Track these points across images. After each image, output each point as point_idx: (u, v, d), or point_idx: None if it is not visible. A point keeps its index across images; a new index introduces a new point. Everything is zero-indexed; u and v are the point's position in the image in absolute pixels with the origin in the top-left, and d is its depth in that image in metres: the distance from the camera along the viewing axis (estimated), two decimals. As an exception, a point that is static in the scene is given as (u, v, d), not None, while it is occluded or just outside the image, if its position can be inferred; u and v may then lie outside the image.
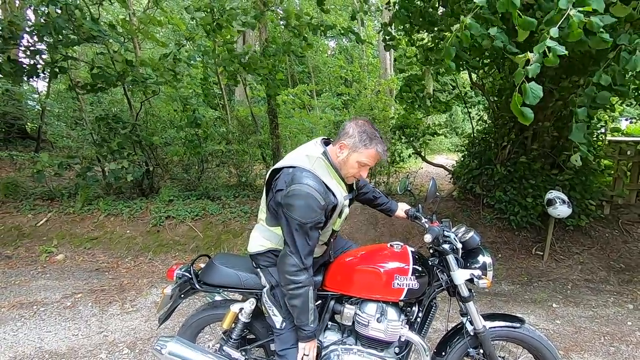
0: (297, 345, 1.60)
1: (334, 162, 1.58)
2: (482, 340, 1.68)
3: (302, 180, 1.45)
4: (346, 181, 1.62)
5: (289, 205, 1.45)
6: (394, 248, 1.74)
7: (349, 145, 1.54)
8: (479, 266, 1.67)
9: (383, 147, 1.57)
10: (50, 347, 2.59)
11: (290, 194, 1.45)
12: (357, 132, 1.54)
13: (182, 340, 1.73)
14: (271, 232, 1.66)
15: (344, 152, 1.55)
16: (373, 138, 1.54)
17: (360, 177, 1.62)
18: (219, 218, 4.82)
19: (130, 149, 5.48)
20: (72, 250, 4.32)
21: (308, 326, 1.54)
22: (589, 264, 4.39)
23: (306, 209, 1.43)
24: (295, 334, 1.61)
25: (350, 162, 1.55)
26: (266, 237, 1.67)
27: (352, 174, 1.59)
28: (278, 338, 1.64)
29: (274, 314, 1.64)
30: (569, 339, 2.83)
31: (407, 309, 1.74)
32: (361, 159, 1.54)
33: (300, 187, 1.44)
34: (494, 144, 5.24)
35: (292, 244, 1.47)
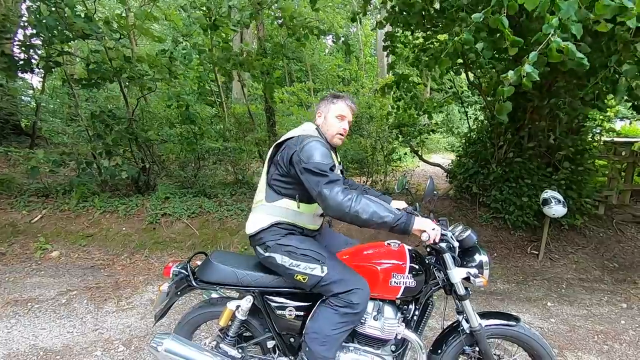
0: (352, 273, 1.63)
1: (325, 135, 1.82)
2: (478, 338, 1.69)
3: (311, 138, 1.65)
4: (335, 143, 1.83)
5: (308, 155, 1.57)
6: (391, 246, 1.74)
7: (322, 110, 1.84)
8: (476, 265, 1.68)
9: (348, 98, 1.85)
10: (45, 344, 2.57)
11: (305, 148, 1.59)
12: (323, 100, 1.88)
13: (178, 338, 1.73)
14: (274, 207, 1.71)
15: (321, 117, 1.84)
16: (337, 96, 1.85)
17: (344, 131, 1.82)
18: (216, 216, 4.81)
19: (126, 145, 5.45)
20: (67, 247, 4.28)
21: (394, 215, 1.49)
22: (583, 263, 4.43)
23: (323, 154, 1.58)
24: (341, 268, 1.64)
25: (329, 120, 1.81)
26: (268, 213, 1.72)
27: (337, 129, 1.80)
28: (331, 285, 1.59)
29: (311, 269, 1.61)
30: (563, 337, 2.85)
31: (404, 307, 1.75)
32: (336, 111, 1.80)
33: (312, 140, 1.63)
34: (490, 143, 5.27)
35: (325, 179, 1.52)
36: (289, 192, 1.71)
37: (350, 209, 1.47)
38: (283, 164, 1.67)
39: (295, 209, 1.71)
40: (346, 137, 1.91)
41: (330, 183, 1.52)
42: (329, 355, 1.59)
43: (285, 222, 1.72)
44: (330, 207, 1.50)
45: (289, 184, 1.70)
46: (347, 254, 1.80)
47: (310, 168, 1.54)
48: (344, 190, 1.52)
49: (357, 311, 1.58)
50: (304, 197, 1.70)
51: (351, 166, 7.22)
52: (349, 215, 1.49)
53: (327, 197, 1.49)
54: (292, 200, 1.71)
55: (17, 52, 4.80)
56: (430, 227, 1.52)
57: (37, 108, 8.85)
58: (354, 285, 1.59)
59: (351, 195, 1.50)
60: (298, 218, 1.74)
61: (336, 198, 1.48)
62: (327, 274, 1.61)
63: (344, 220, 1.54)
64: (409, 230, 1.50)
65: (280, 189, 1.72)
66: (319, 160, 1.55)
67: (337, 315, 1.58)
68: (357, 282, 1.61)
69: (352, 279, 1.61)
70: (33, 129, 8.74)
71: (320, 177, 1.53)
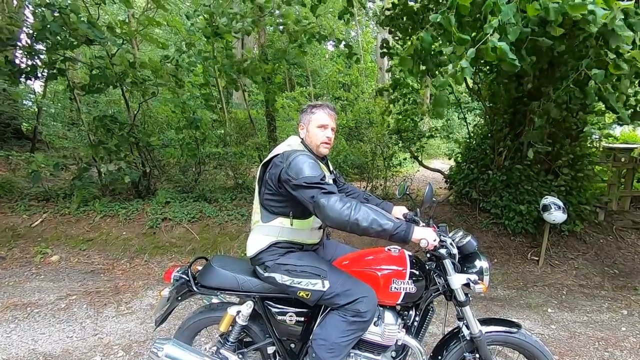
0: (355, 285, 1.61)
1: (310, 146, 1.80)
2: (478, 344, 1.69)
3: (297, 153, 1.64)
4: (321, 153, 1.81)
5: (296, 171, 1.55)
6: (392, 252, 1.75)
7: (303, 121, 1.83)
8: (476, 271, 1.68)
9: (327, 105, 1.84)
10: (44, 349, 2.57)
11: (292, 163, 1.58)
12: (303, 110, 1.87)
13: (179, 343, 1.73)
14: (270, 227, 1.71)
15: (304, 130, 1.83)
16: (315, 105, 1.83)
17: (328, 139, 1.80)
18: (216, 220, 4.81)
19: (127, 150, 5.47)
20: (67, 251, 4.28)
21: (393, 223, 1.48)
22: (583, 270, 4.43)
23: (312, 166, 1.57)
24: (343, 279, 1.63)
25: (312, 131, 1.79)
26: (265, 234, 1.71)
27: (320, 139, 1.78)
28: (336, 297, 1.59)
29: (313, 284, 1.61)
30: (563, 344, 2.85)
31: (404, 312, 1.75)
32: (316, 123, 1.78)
33: (297, 155, 1.62)
34: (490, 149, 5.28)
35: (320, 190, 1.51)
36: (281, 210, 1.70)
37: (349, 217, 1.46)
38: (272, 183, 1.67)
39: (289, 227, 1.71)
40: (347, 143, 1.92)
41: (327, 193, 1.51)
42: None
43: (283, 241, 1.71)
44: (329, 216, 1.48)
45: (281, 202, 1.69)
46: (347, 259, 1.81)
47: (301, 184, 1.53)
48: (342, 198, 1.51)
49: (366, 319, 1.58)
50: (297, 213, 1.69)
51: (351, 171, 7.24)
52: (348, 224, 1.48)
53: (325, 207, 1.47)
54: (286, 217, 1.70)
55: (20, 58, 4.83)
56: (429, 234, 1.52)
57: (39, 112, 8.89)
58: (359, 294, 1.58)
59: (350, 203, 1.49)
60: (295, 235, 1.73)
61: (335, 207, 1.47)
62: (329, 288, 1.61)
63: (344, 230, 1.53)
64: (408, 238, 1.50)
65: (273, 208, 1.71)
66: (309, 174, 1.54)
67: (345, 323, 1.57)
68: (362, 290, 1.60)
69: (356, 288, 1.60)
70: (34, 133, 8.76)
71: (315, 189, 1.51)
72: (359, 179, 6.86)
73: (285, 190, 1.61)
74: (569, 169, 4.78)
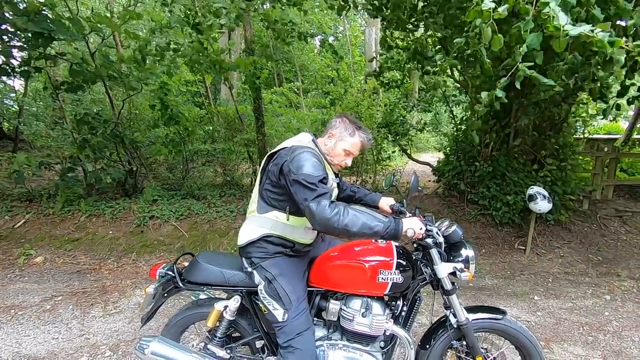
0: (302, 333, 1.59)
1: (322, 150, 1.74)
2: (465, 332, 1.71)
3: (303, 149, 1.59)
4: (332, 169, 1.77)
5: (297, 166, 1.51)
6: (379, 243, 1.75)
7: (336, 134, 1.73)
8: (462, 259, 1.69)
9: (367, 136, 1.76)
10: (29, 351, 2.52)
11: (295, 158, 1.54)
12: (343, 123, 1.75)
13: (165, 340, 1.71)
14: (264, 219, 1.67)
15: (331, 141, 1.74)
16: (357, 129, 1.74)
17: (345, 165, 1.76)
18: (205, 217, 4.77)
19: (112, 148, 5.37)
20: (51, 252, 4.19)
21: (382, 224, 1.47)
22: (568, 258, 4.52)
23: (313, 165, 1.52)
24: (298, 322, 1.59)
25: (337, 150, 1.73)
26: (259, 225, 1.68)
27: (339, 161, 1.75)
28: (281, 331, 1.60)
29: (274, 308, 1.61)
30: (549, 330, 2.90)
31: (392, 303, 1.76)
32: (346, 146, 1.72)
33: (303, 151, 1.57)
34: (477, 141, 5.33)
35: (312, 193, 1.47)
36: (279, 203, 1.67)
37: (338, 223, 1.44)
38: (274, 174, 1.63)
39: (284, 222, 1.66)
40: None
41: (318, 197, 1.46)
42: None
43: (275, 235, 1.67)
44: (317, 222, 1.46)
45: (280, 195, 1.66)
46: (337, 250, 1.80)
47: (299, 180, 1.49)
48: (331, 204, 1.48)
49: None
50: (294, 210, 1.65)
51: (341, 166, 7.22)
52: (337, 230, 1.45)
53: (314, 212, 1.44)
54: (282, 212, 1.66)
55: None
56: (415, 224, 1.53)
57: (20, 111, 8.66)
58: (297, 344, 1.58)
59: (338, 209, 1.46)
60: (288, 231, 1.68)
61: (323, 213, 1.44)
62: (283, 322, 1.60)
63: (333, 235, 1.56)
64: (399, 235, 1.50)
65: (270, 200, 1.67)
66: (309, 172, 1.49)
67: None
68: (304, 343, 1.59)
69: (301, 340, 1.59)
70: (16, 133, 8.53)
71: (309, 190, 1.48)
72: (348, 173, 6.86)
73: (285, 184, 1.58)
74: (554, 159, 4.87)
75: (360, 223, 1.45)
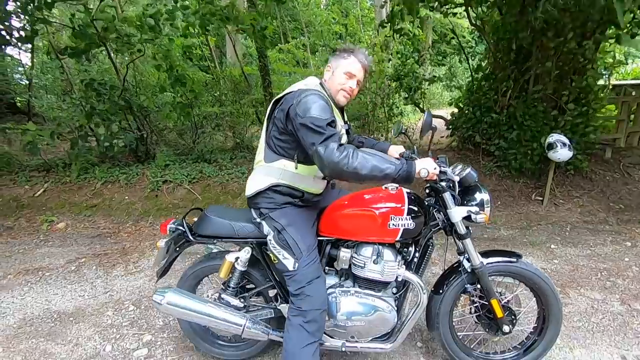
0: (313, 281, 1.57)
1: (329, 90, 1.67)
2: (480, 275, 1.68)
3: (309, 92, 1.52)
4: (339, 102, 1.68)
5: (304, 109, 1.45)
6: (389, 190, 1.69)
7: (332, 65, 1.69)
8: (476, 203, 1.64)
9: (363, 54, 1.68)
10: (58, 307, 2.65)
11: (302, 101, 1.48)
12: (336, 53, 1.71)
13: (180, 290, 1.74)
14: (271, 168, 1.63)
15: (329, 72, 1.69)
16: (350, 50, 1.67)
17: (350, 90, 1.66)
18: (217, 180, 4.79)
19: (121, 115, 5.35)
20: (72, 218, 4.33)
21: (394, 165, 1.43)
22: (588, 207, 4.40)
23: (321, 108, 1.46)
24: (308, 271, 1.57)
25: (337, 77, 1.65)
26: (266, 174, 1.64)
27: (342, 85, 1.65)
28: (292, 280, 1.59)
29: (284, 258, 1.59)
30: (566, 276, 2.87)
31: (404, 249, 1.73)
32: (344, 68, 1.65)
33: (310, 93, 1.51)
34: (494, 90, 5.07)
35: (320, 136, 1.41)
36: (286, 151, 1.61)
37: (347, 166, 1.38)
38: (280, 120, 1.57)
39: (293, 170, 1.61)
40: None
41: (326, 140, 1.40)
42: None
43: (284, 185, 1.62)
44: (326, 166, 1.41)
45: (287, 143, 1.59)
46: (346, 199, 1.76)
47: (306, 123, 1.42)
48: (340, 147, 1.41)
49: (308, 320, 1.55)
50: (302, 157, 1.59)
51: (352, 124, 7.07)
52: (347, 173, 1.40)
53: (322, 156, 1.39)
54: (290, 160, 1.61)
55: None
56: (429, 164, 1.47)
57: (30, 85, 8.68)
58: (309, 292, 1.55)
59: (347, 151, 1.40)
60: (297, 180, 1.63)
61: (332, 157, 1.38)
62: (294, 271, 1.58)
63: (343, 179, 1.47)
64: (412, 176, 1.44)
65: (278, 148, 1.61)
66: (316, 115, 1.43)
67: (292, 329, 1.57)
68: (315, 290, 1.57)
69: (313, 287, 1.57)
70: (28, 107, 8.61)
71: (316, 134, 1.41)
72: (359, 131, 6.71)
73: (292, 129, 1.52)
74: (575, 104, 4.60)
75: (370, 165, 1.39)
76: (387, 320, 1.69)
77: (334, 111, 1.61)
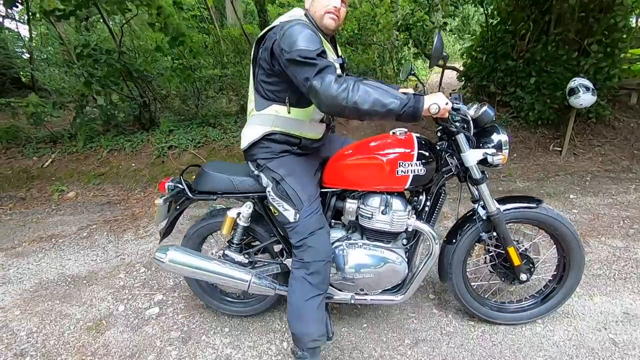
0: (315, 232, 1.48)
1: (314, 18, 1.48)
2: (496, 222, 1.58)
3: (292, 22, 1.34)
4: (326, 26, 1.47)
5: (290, 43, 1.28)
6: (398, 135, 1.56)
7: None
8: (494, 145, 1.50)
9: None
10: (72, 272, 2.69)
11: (286, 34, 1.31)
12: None
13: (182, 248, 1.70)
14: (264, 116, 1.50)
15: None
16: None
17: (335, 10, 1.45)
18: (222, 143, 4.70)
19: (121, 82, 5.21)
20: (81, 187, 4.34)
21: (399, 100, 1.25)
22: (610, 155, 4.18)
23: (308, 37, 1.29)
24: (310, 221, 1.48)
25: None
26: (259, 123, 1.52)
27: (325, 8, 1.43)
28: (294, 231, 1.50)
29: (285, 209, 1.51)
30: (586, 225, 2.76)
31: (414, 198, 1.63)
32: None
33: (293, 24, 1.33)
34: (511, 33, 4.70)
35: (313, 69, 1.25)
36: (277, 95, 1.46)
37: (347, 101, 1.22)
38: (266, 61, 1.41)
39: (286, 115, 1.48)
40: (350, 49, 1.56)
41: (321, 73, 1.24)
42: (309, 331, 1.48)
43: (279, 132, 1.50)
44: (323, 102, 1.25)
45: (276, 85, 1.45)
46: (351, 148, 1.64)
47: (294, 58, 1.26)
48: (338, 79, 1.24)
49: (311, 272, 1.47)
50: (295, 100, 1.45)
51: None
52: (347, 109, 1.24)
53: (318, 91, 1.23)
54: (282, 104, 1.47)
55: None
56: (440, 98, 1.29)
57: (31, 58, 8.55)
58: (311, 243, 1.47)
59: (347, 83, 1.23)
60: (292, 126, 1.51)
61: (329, 90, 1.22)
62: (295, 222, 1.49)
63: (343, 116, 1.32)
64: (419, 112, 1.27)
65: (267, 92, 1.47)
66: (303, 46, 1.26)
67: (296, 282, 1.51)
68: (317, 242, 1.48)
69: (315, 238, 1.48)
70: (32, 81, 8.53)
71: (308, 67, 1.25)
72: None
73: (280, 69, 1.36)
74: (599, 45, 4.23)
75: (372, 99, 1.23)
76: (397, 272, 1.63)
77: (324, 43, 1.44)
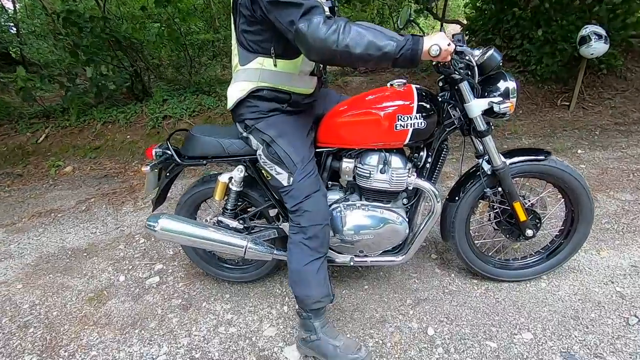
0: (311, 195, 1.39)
1: None
2: (502, 177, 1.49)
3: None
4: None
5: None
6: (396, 87, 1.44)
7: None
8: (500, 93, 1.39)
9: None
10: (72, 245, 2.68)
11: None
12: None
13: (174, 215, 1.65)
14: (249, 70, 1.37)
15: None
16: None
17: None
18: (217, 111, 4.56)
19: (109, 52, 5.00)
20: (77, 161, 4.28)
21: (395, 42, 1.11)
22: (621, 108, 4.01)
23: None
24: (305, 184, 1.39)
25: None
26: (244, 79, 1.39)
27: None
28: (288, 196, 1.42)
29: (277, 173, 1.42)
30: (593, 180, 2.67)
31: (415, 155, 1.54)
32: None
33: None
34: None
35: (298, 10, 1.10)
36: (260, 46, 1.31)
37: (337, 44, 1.08)
38: (246, 7, 1.24)
39: (272, 68, 1.34)
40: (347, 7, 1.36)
41: (307, 14, 1.09)
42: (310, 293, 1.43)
43: (266, 88, 1.37)
44: (311, 47, 1.11)
45: (259, 34, 1.29)
46: (346, 104, 1.53)
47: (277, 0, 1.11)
48: (327, 20, 1.10)
49: (309, 236, 1.40)
50: (281, 50, 1.31)
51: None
52: (337, 53, 1.10)
53: (305, 34, 1.09)
54: (267, 56, 1.32)
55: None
56: (441, 39, 1.15)
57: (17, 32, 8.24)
58: (307, 207, 1.39)
59: (337, 25, 1.09)
60: (279, 79, 1.37)
61: (317, 32, 1.08)
62: (289, 186, 1.40)
63: (333, 63, 1.20)
64: (418, 55, 1.12)
65: (251, 44, 1.32)
66: None
67: (294, 246, 1.44)
68: (313, 205, 1.40)
69: (311, 201, 1.39)
70: (21, 55, 8.27)
71: (293, 8, 1.10)
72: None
73: (262, 14, 1.21)
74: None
75: (365, 42, 1.09)
76: (397, 233, 1.57)
77: None
